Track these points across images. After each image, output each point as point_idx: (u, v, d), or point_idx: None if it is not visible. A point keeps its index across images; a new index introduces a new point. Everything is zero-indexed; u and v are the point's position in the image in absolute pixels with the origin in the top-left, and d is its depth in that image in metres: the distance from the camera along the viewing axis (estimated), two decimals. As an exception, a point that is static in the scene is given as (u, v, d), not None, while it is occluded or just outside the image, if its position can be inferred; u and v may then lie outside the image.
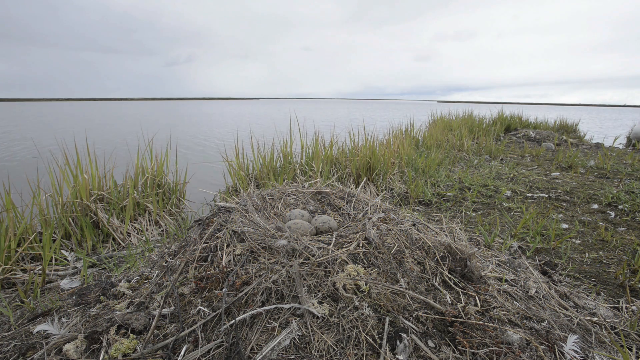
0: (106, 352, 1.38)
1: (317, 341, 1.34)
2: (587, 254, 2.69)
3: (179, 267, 1.78)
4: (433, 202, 3.95)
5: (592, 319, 1.80)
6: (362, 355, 1.32)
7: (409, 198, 4.06)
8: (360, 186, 3.40)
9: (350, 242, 1.76)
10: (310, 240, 1.77)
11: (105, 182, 3.44)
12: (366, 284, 1.51)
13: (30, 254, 2.62)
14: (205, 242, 1.84)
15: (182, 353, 1.35)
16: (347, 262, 1.62)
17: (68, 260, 2.61)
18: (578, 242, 2.92)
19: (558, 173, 5.34)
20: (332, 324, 1.40)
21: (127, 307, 1.66)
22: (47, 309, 1.85)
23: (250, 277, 1.57)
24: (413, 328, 1.43)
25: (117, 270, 2.36)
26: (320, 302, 1.47)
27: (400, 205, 3.88)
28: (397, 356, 1.32)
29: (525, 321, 1.60)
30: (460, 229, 2.49)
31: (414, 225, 2.03)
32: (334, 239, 1.79)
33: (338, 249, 1.69)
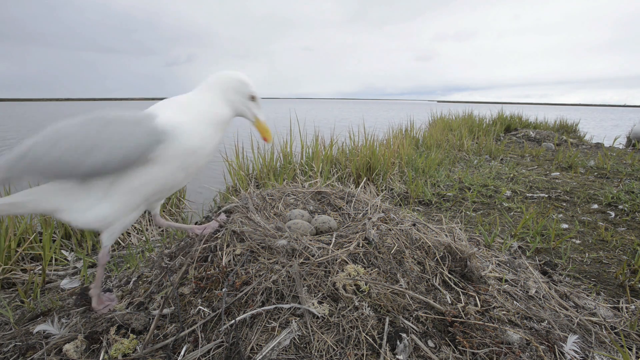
0: (106, 352, 1.38)
1: (317, 341, 1.34)
2: (587, 254, 2.69)
3: (178, 268, 1.78)
4: (433, 202, 3.95)
5: (592, 319, 1.80)
6: (362, 355, 1.32)
7: (409, 198, 4.06)
8: (360, 186, 3.40)
9: (350, 242, 1.76)
10: (310, 240, 1.77)
11: (105, 182, 3.43)
12: (366, 284, 1.51)
13: (30, 254, 2.62)
14: (205, 242, 1.84)
15: (182, 353, 1.35)
16: (347, 262, 1.62)
17: (68, 260, 2.61)
18: (578, 242, 2.92)
19: (558, 173, 5.34)
20: (332, 324, 1.40)
21: (127, 307, 1.66)
22: (47, 309, 1.85)
23: (250, 277, 1.57)
24: (413, 328, 1.43)
25: (117, 270, 2.36)
26: (320, 302, 1.47)
27: (400, 205, 3.88)
28: (397, 356, 1.32)
29: (525, 321, 1.60)
30: (460, 229, 2.49)
31: (414, 225, 2.03)
32: (333, 239, 1.79)
33: (338, 249, 1.69)
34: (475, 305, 1.62)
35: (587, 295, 2.09)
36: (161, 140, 1.35)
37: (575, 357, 1.42)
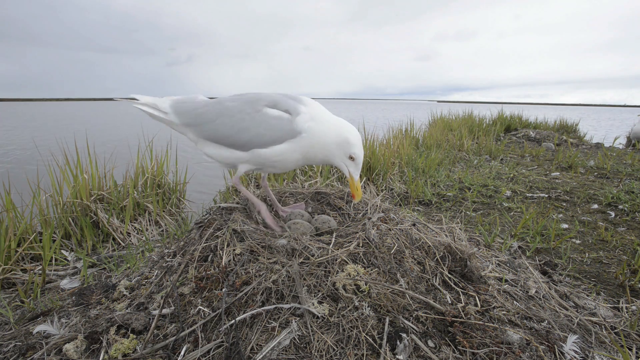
0: (106, 352, 1.38)
1: (317, 341, 1.34)
2: (587, 254, 2.69)
3: (179, 267, 1.78)
4: (433, 202, 3.95)
5: (592, 319, 1.80)
6: (362, 355, 1.32)
7: (409, 198, 4.06)
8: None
9: (350, 242, 1.76)
10: (310, 240, 1.77)
11: (105, 182, 3.44)
12: (366, 284, 1.51)
13: (30, 254, 2.62)
14: (205, 242, 1.84)
15: (182, 353, 1.35)
16: (347, 262, 1.62)
17: (68, 260, 2.61)
18: (578, 242, 2.92)
19: (558, 173, 5.34)
20: (332, 324, 1.40)
21: (127, 307, 1.66)
22: (47, 309, 1.85)
23: (250, 277, 1.57)
24: (413, 328, 1.43)
25: (117, 270, 2.36)
26: (320, 302, 1.47)
27: (400, 205, 3.88)
28: (397, 356, 1.32)
29: (525, 321, 1.60)
30: (460, 229, 2.49)
31: (414, 225, 2.03)
32: (333, 239, 1.79)
33: (338, 249, 1.69)
34: (475, 305, 1.62)
35: (587, 295, 2.09)
36: (297, 135, 1.87)
37: (575, 357, 1.42)
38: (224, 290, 1.52)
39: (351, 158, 1.91)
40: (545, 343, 1.46)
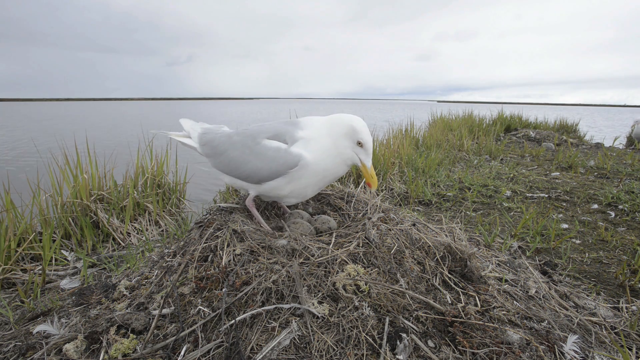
0: (106, 352, 1.38)
1: (317, 341, 1.34)
2: (587, 254, 2.69)
3: (179, 267, 1.78)
4: (433, 202, 3.95)
5: (592, 319, 1.80)
6: (362, 355, 1.32)
7: (409, 198, 4.06)
8: (360, 186, 3.40)
9: (350, 242, 1.76)
10: (310, 240, 1.77)
11: (105, 182, 3.44)
12: (366, 284, 1.51)
13: (30, 254, 2.62)
14: (205, 242, 1.84)
15: (182, 353, 1.35)
16: (347, 262, 1.62)
17: (68, 260, 2.61)
18: (578, 242, 2.92)
19: (558, 173, 5.34)
20: (332, 324, 1.40)
21: (127, 307, 1.66)
22: (47, 309, 1.85)
23: (250, 277, 1.57)
24: (413, 328, 1.43)
25: (117, 270, 2.36)
26: (320, 302, 1.47)
27: (400, 205, 3.88)
28: (397, 356, 1.32)
29: (525, 321, 1.60)
30: (460, 229, 2.49)
31: (414, 225, 2.03)
32: (333, 239, 1.79)
33: (338, 249, 1.69)
34: (475, 305, 1.62)
35: (587, 295, 2.09)
36: (294, 166, 1.85)
37: (575, 357, 1.42)
38: (224, 290, 1.52)
39: (359, 144, 1.86)
40: (545, 343, 1.46)
